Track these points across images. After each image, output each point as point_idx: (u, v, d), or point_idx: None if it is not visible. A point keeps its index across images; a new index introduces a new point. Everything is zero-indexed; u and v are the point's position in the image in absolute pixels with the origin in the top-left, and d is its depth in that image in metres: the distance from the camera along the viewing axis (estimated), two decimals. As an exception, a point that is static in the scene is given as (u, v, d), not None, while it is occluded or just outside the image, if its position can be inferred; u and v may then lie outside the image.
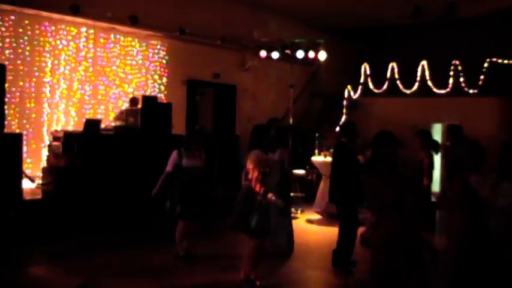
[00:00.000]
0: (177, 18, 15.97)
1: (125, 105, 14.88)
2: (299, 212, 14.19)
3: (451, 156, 9.78)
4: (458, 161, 6.04)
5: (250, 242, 7.76)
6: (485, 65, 17.76)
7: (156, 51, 16.50)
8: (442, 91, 18.12)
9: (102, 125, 13.16)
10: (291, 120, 16.91)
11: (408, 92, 18.66)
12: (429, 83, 18.31)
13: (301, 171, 14.95)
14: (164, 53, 16.66)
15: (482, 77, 17.71)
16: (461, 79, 17.86)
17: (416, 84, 18.46)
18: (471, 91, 17.77)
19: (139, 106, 13.88)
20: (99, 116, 14.61)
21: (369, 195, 6.53)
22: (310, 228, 12.75)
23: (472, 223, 5.64)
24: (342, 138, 9.22)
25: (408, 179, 6.61)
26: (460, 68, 17.97)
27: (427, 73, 18.38)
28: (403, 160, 7.20)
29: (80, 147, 11.51)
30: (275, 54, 17.47)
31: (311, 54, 17.30)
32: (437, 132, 18.15)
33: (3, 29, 13.33)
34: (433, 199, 9.32)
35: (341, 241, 9.05)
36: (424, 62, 18.47)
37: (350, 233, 9.01)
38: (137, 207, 11.94)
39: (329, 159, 12.88)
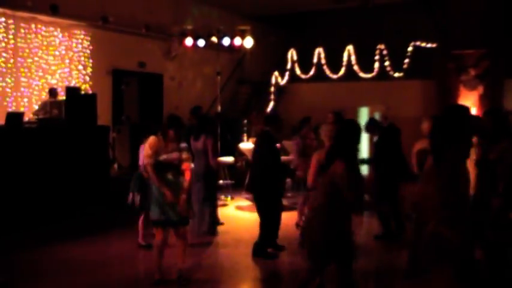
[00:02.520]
0: (100, 6, 15.66)
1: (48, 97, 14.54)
2: (229, 199, 14.19)
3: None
4: None
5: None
6: (409, 49, 18.11)
7: (79, 41, 16.14)
8: (368, 75, 18.40)
9: (26, 118, 12.86)
10: (219, 108, 16.89)
11: (335, 76, 18.88)
12: (355, 67, 18.55)
13: (229, 159, 14.94)
14: (88, 42, 16.32)
15: (406, 60, 18.04)
16: (387, 63, 18.16)
17: (343, 69, 18.68)
18: (396, 75, 18.10)
19: (60, 97, 13.60)
20: (22, 109, 14.24)
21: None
22: (239, 214, 12.76)
23: None
24: (266, 128, 9.22)
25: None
26: (385, 52, 18.26)
27: (353, 58, 18.61)
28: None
29: (2, 141, 11.20)
30: (201, 42, 17.42)
31: (237, 41, 17.31)
32: (364, 115, 18.49)
33: None
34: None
35: (263, 229, 9.07)
36: (350, 47, 18.70)
37: (273, 220, 9.05)
38: (63, 201, 11.73)
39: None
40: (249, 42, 17.41)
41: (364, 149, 15.52)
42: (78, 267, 8.49)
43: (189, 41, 17.68)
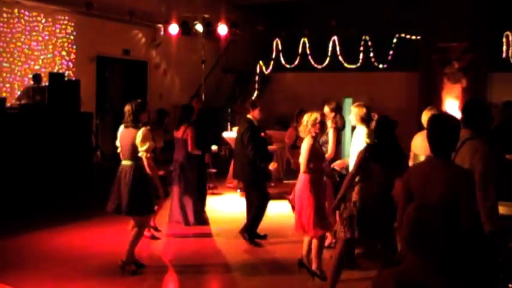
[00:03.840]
0: (84, -8, 15.59)
1: (31, 83, 14.43)
2: (212, 187, 14.16)
3: None
4: None
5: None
6: (394, 40, 18.14)
7: (63, 26, 16.02)
8: (353, 66, 18.42)
9: (8, 104, 12.76)
10: (203, 96, 16.83)
11: (319, 67, 18.90)
12: (340, 58, 18.57)
13: (213, 147, 14.90)
14: (71, 28, 16.20)
15: (391, 52, 18.08)
16: (371, 54, 18.19)
17: (328, 59, 18.69)
18: (381, 66, 18.13)
19: (44, 83, 13.51)
20: (4, 95, 14.11)
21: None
22: (224, 202, 12.77)
23: None
24: (248, 115, 9.20)
25: None
26: (369, 43, 18.30)
27: (337, 48, 18.63)
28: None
29: (-17, 126, 11.11)
30: (186, 30, 17.36)
31: (222, 29, 17.27)
32: (347, 106, 18.48)
33: None
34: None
35: (251, 216, 9.11)
36: (335, 38, 18.71)
37: (261, 208, 9.08)
38: (45, 188, 11.65)
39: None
40: (233, 31, 17.40)
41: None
42: (60, 255, 8.42)
43: (174, 29, 17.60)
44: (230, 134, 14.29)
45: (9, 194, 11.01)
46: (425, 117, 8.19)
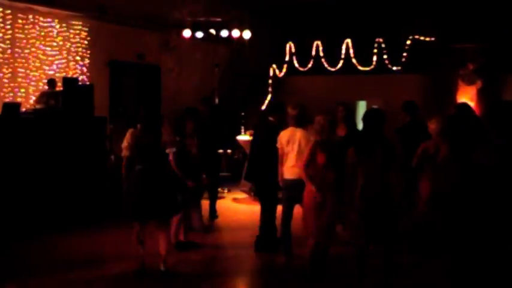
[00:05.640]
0: (98, -3, 15.68)
1: (45, 88, 14.51)
2: (226, 191, 14.16)
3: None
4: None
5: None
6: (408, 42, 18.05)
7: (77, 32, 16.10)
8: (366, 68, 18.35)
9: (23, 109, 12.83)
10: (216, 100, 16.86)
11: (333, 69, 18.83)
12: (353, 60, 18.51)
13: (227, 151, 14.91)
14: (85, 33, 16.27)
15: (405, 54, 17.99)
16: (385, 56, 18.11)
17: (341, 62, 18.63)
18: (394, 68, 18.04)
19: (58, 88, 13.58)
20: (18, 100, 14.19)
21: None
22: (236, 207, 12.75)
23: None
24: (270, 117, 9.15)
25: None
26: (383, 45, 18.22)
27: (351, 51, 18.57)
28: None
29: (-2, 131, 11.17)
30: (199, 34, 17.36)
31: (235, 33, 17.27)
32: (361, 109, 18.46)
33: None
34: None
35: (262, 223, 9.04)
36: (348, 40, 18.65)
37: (270, 212, 9.01)
38: (59, 192, 11.69)
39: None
40: (247, 34, 17.38)
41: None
42: (75, 260, 8.45)
43: (187, 33, 17.61)
44: (244, 138, 14.29)
45: (24, 198, 11.07)
46: (432, 126, 8.17)
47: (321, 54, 19.04)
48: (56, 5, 14.57)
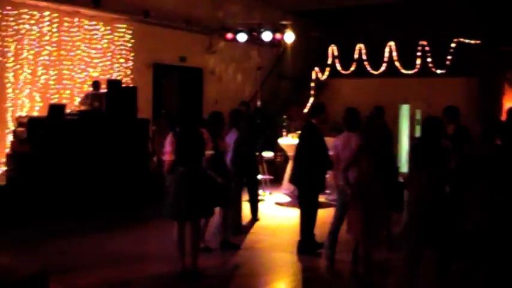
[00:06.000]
0: (142, 0, 15.81)
1: (89, 89, 14.69)
2: (267, 194, 14.15)
3: None
4: None
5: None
6: (453, 45, 17.82)
7: (121, 34, 16.27)
8: (410, 72, 18.16)
9: (67, 110, 13.01)
10: (258, 103, 16.88)
11: (376, 73, 18.69)
12: (397, 63, 18.34)
13: (269, 154, 14.89)
14: (129, 36, 16.44)
15: (449, 57, 17.76)
16: (429, 59, 17.91)
17: (384, 65, 18.48)
18: (439, 71, 17.83)
19: (102, 90, 13.73)
20: (64, 101, 14.39)
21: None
22: (278, 210, 12.73)
23: None
24: (311, 120, 9.10)
25: None
26: (427, 48, 18.02)
27: (394, 54, 18.41)
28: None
29: (44, 132, 11.35)
30: (242, 37, 17.39)
31: (278, 36, 17.26)
32: (404, 113, 18.30)
33: (-36, 14, 13.07)
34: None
35: (304, 226, 8.99)
36: (391, 43, 18.49)
37: (311, 216, 8.96)
38: (101, 193, 11.84)
39: (296, 141, 12.80)
40: (289, 37, 17.36)
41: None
42: (116, 259, 8.52)
43: (229, 36, 17.68)
44: (286, 141, 14.25)
45: (68, 198, 11.24)
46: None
47: (364, 57, 18.91)
48: (101, 8, 14.74)
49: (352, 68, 19.01)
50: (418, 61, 18.02)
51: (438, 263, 6.69)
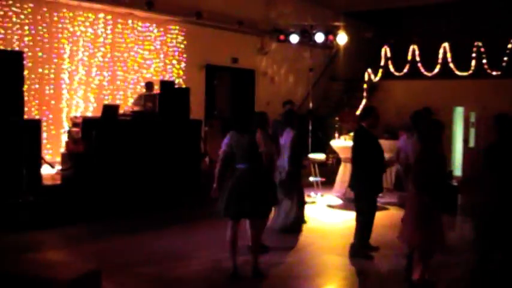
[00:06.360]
0: (194, 2, 15.91)
1: (142, 90, 14.84)
2: (319, 196, 14.07)
3: None
4: None
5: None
6: (509, 46, 17.48)
7: (174, 36, 16.41)
8: (465, 73, 17.86)
9: (121, 111, 13.16)
10: (310, 105, 16.82)
11: (429, 74, 18.44)
12: (451, 65, 18.06)
13: (321, 156, 14.82)
14: (182, 37, 16.57)
15: (505, 58, 17.42)
16: (484, 61, 17.60)
17: (438, 66, 18.22)
18: (494, 73, 17.50)
19: (155, 91, 13.85)
20: (117, 102, 14.57)
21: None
22: (330, 213, 12.65)
23: None
24: (361, 123, 9.01)
25: None
26: (482, 49, 17.71)
27: (448, 55, 18.14)
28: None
29: (98, 132, 11.48)
30: (294, 38, 17.35)
31: (330, 37, 17.17)
32: (458, 115, 18.04)
33: (22, 16, 13.30)
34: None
35: (359, 229, 8.89)
36: (445, 44, 18.23)
37: (369, 220, 8.87)
38: (154, 192, 11.94)
39: (348, 143, 12.72)
40: (342, 38, 17.26)
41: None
42: (163, 258, 8.54)
43: (282, 37, 17.67)
44: (338, 143, 14.16)
45: (120, 197, 11.37)
46: None
47: (417, 58, 18.69)
48: (155, 10, 14.86)
49: (405, 70, 18.80)
50: (473, 62, 17.71)
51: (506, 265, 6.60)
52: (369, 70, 19.05)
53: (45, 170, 11.73)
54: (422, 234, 6.75)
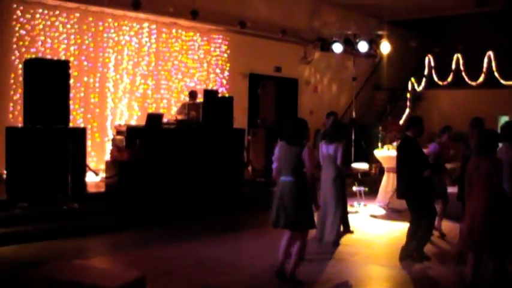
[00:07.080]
0: (238, 11, 15.98)
1: (186, 99, 14.94)
2: (362, 206, 13.98)
3: None
4: None
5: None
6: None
7: (217, 45, 16.53)
8: (510, 82, 17.64)
9: (165, 119, 13.25)
10: (353, 114, 16.76)
11: (474, 83, 18.25)
12: (496, 74, 17.85)
13: (364, 165, 14.73)
14: (225, 46, 16.68)
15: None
16: (531, 69, 17.37)
17: (482, 75, 18.03)
18: (540, 82, 17.27)
19: (199, 99, 13.93)
20: (161, 110, 14.70)
21: None
22: (373, 222, 12.55)
23: None
24: (407, 133, 8.95)
25: None
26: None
27: (493, 64, 17.93)
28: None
29: (142, 141, 11.58)
30: (337, 47, 17.32)
31: (374, 46, 17.11)
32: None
33: (68, 26, 13.55)
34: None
35: (420, 235, 8.77)
36: (490, 53, 18.03)
37: (429, 227, 8.78)
38: (197, 200, 11.99)
39: (392, 152, 12.63)
40: (385, 47, 17.18)
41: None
42: (208, 267, 8.56)
43: (325, 46, 17.67)
44: (381, 152, 14.06)
45: (164, 205, 11.44)
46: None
47: (461, 67, 18.50)
48: (198, 20, 14.97)
49: (449, 79, 18.63)
50: (519, 71, 17.49)
51: None
52: (413, 79, 18.92)
53: (90, 178, 11.89)
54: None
